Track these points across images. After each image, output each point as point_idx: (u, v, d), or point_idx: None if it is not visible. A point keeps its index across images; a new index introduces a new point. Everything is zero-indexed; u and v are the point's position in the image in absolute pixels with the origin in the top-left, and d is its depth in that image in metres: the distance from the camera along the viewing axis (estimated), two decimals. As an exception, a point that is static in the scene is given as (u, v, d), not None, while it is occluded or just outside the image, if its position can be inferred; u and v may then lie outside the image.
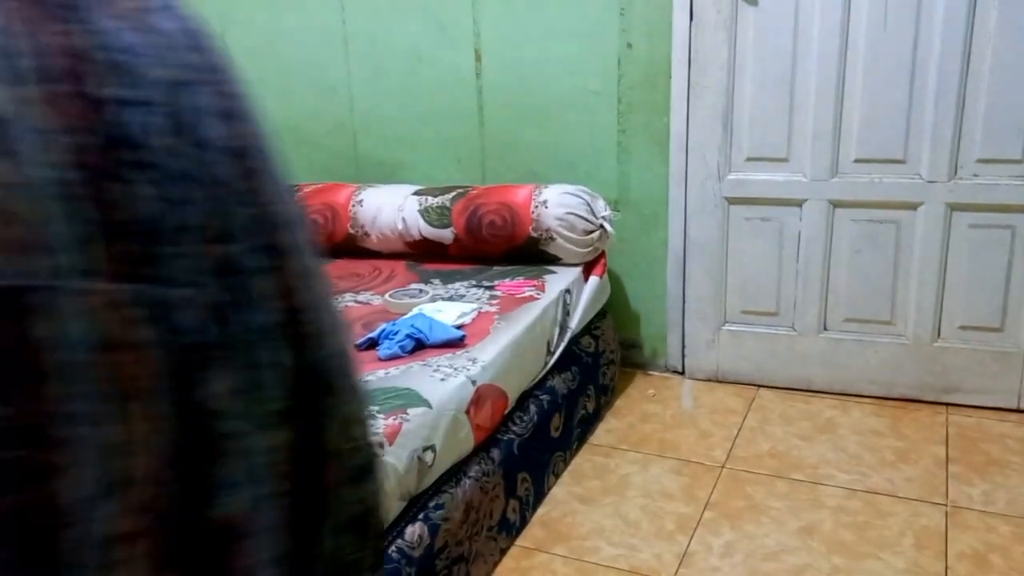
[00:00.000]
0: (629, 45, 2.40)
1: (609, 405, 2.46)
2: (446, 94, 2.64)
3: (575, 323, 2.21)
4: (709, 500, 1.99)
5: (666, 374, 2.65)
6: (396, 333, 1.81)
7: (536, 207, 2.25)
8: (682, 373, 2.64)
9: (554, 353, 2.09)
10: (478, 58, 2.55)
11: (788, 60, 2.28)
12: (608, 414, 2.42)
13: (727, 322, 2.55)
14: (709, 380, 2.60)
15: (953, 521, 1.88)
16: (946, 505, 1.94)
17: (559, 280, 2.20)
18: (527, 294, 2.09)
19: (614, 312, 2.59)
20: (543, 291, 2.11)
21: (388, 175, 2.72)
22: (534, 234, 2.25)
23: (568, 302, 2.18)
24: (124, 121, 0.29)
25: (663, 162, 2.46)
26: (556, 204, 2.25)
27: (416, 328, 1.81)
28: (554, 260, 2.29)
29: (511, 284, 2.17)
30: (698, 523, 1.90)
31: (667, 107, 2.41)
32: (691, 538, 1.85)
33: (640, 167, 2.50)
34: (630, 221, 2.54)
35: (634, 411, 2.44)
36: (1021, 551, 1.77)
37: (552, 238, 2.24)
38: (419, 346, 1.79)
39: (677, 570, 1.74)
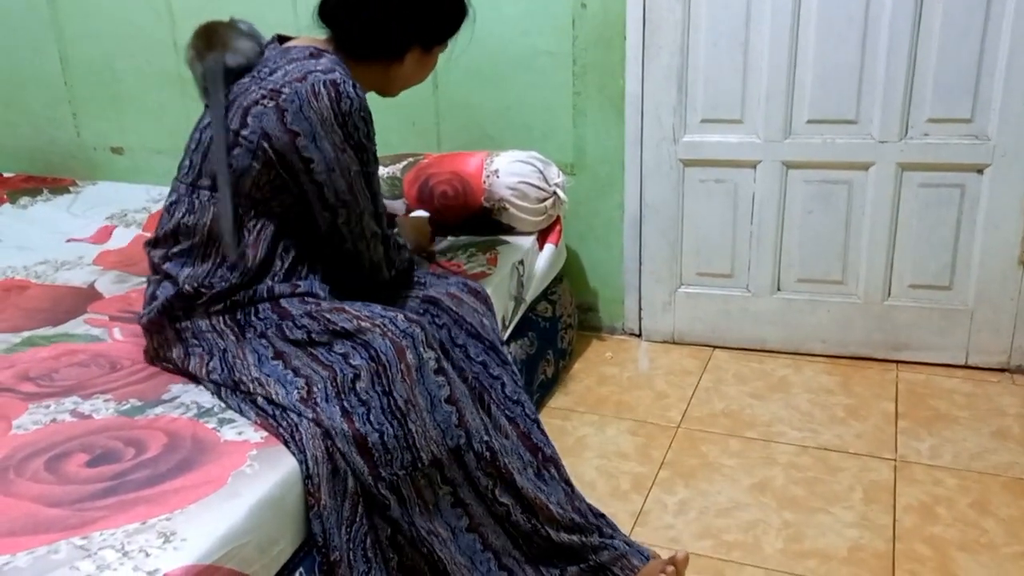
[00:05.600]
0: (583, 5, 2.37)
1: (567, 368, 2.47)
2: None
3: (530, 294, 2.20)
4: (664, 459, 2.01)
5: (623, 336, 2.67)
6: None
7: (487, 176, 2.21)
8: (639, 335, 2.66)
9: (509, 326, 2.08)
10: (431, 19, 2.51)
11: (742, 19, 2.28)
12: (566, 377, 2.43)
13: (682, 284, 2.57)
14: (665, 342, 2.63)
15: (901, 475, 1.93)
16: (895, 460, 1.99)
17: (512, 252, 2.16)
18: (478, 270, 2.05)
19: (571, 276, 2.59)
20: (495, 265, 2.07)
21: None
22: (487, 204, 2.21)
23: (521, 274, 2.16)
24: None
25: (619, 124, 2.45)
26: (508, 173, 2.20)
27: None
28: (508, 230, 2.27)
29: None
30: (653, 482, 1.92)
31: (622, 68, 2.40)
32: (646, 497, 1.87)
33: (596, 130, 2.48)
34: (586, 184, 2.54)
35: (592, 374, 2.45)
36: (965, 502, 1.82)
37: (505, 208, 2.21)
38: None
39: (632, 529, 1.77)
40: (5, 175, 3.04)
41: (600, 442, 2.10)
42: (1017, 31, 2.10)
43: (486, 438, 1.43)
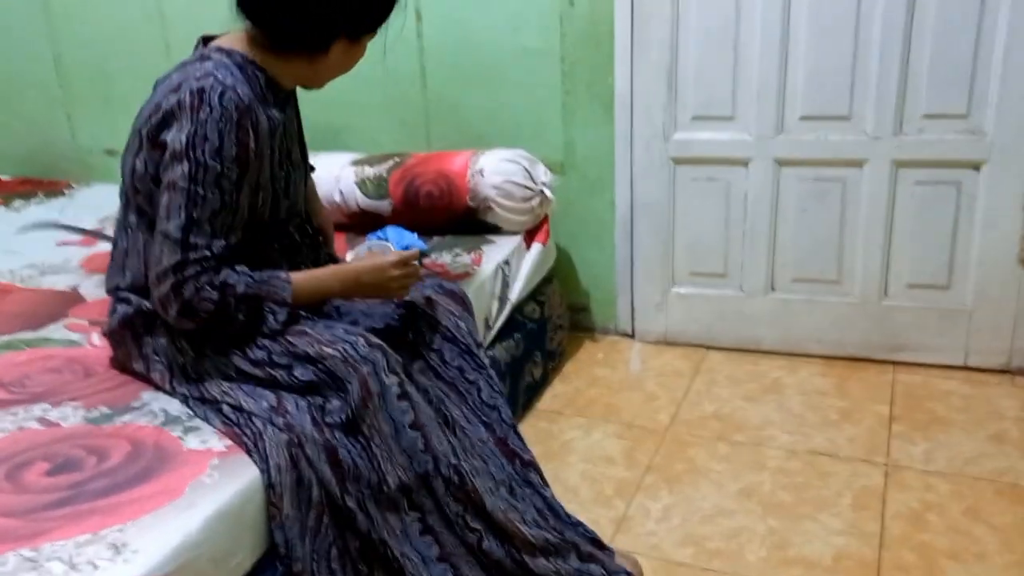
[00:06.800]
0: (571, 2, 2.34)
1: (557, 370, 2.43)
2: (388, 56, 2.56)
3: (515, 294, 2.17)
4: (650, 464, 1.97)
5: (616, 337, 2.63)
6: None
7: (472, 176, 2.17)
8: (631, 336, 2.62)
9: (493, 327, 2.06)
10: (419, 18, 2.48)
11: (732, 13, 2.23)
12: (556, 379, 2.40)
13: (675, 284, 2.53)
14: (658, 343, 2.58)
15: (892, 480, 1.88)
16: (886, 464, 1.94)
17: (497, 251, 2.13)
18: (461, 271, 2.02)
19: (563, 276, 2.56)
20: (479, 265, 2.04)
21: (332, 139, 2.66)
22: (472, 204, 2.18)
23: (507, 274, 2.13)
24: None
25: (608, 122, 2.41)
26: (493, 172, 2.17)
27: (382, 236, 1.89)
28: (495, 229, 2.23)
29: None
30: (638, 488, 1.89)
31: (611, 65, 2.36)
32: (629, 503, 1.84)
33: (585, 128, 2.45)
34: (576, 183, 2.50)
35: (582, 375, 2.42)
36: (957, 509, 1.77)
37: (490, 207, 2.18)
38: None
39: (613, 536, 1.73)
40: (2, 178, 3.04)
41: (586, 446, 2.06)
42: (1014, 22, 2.04)
43: (454, 461, 1.40)
